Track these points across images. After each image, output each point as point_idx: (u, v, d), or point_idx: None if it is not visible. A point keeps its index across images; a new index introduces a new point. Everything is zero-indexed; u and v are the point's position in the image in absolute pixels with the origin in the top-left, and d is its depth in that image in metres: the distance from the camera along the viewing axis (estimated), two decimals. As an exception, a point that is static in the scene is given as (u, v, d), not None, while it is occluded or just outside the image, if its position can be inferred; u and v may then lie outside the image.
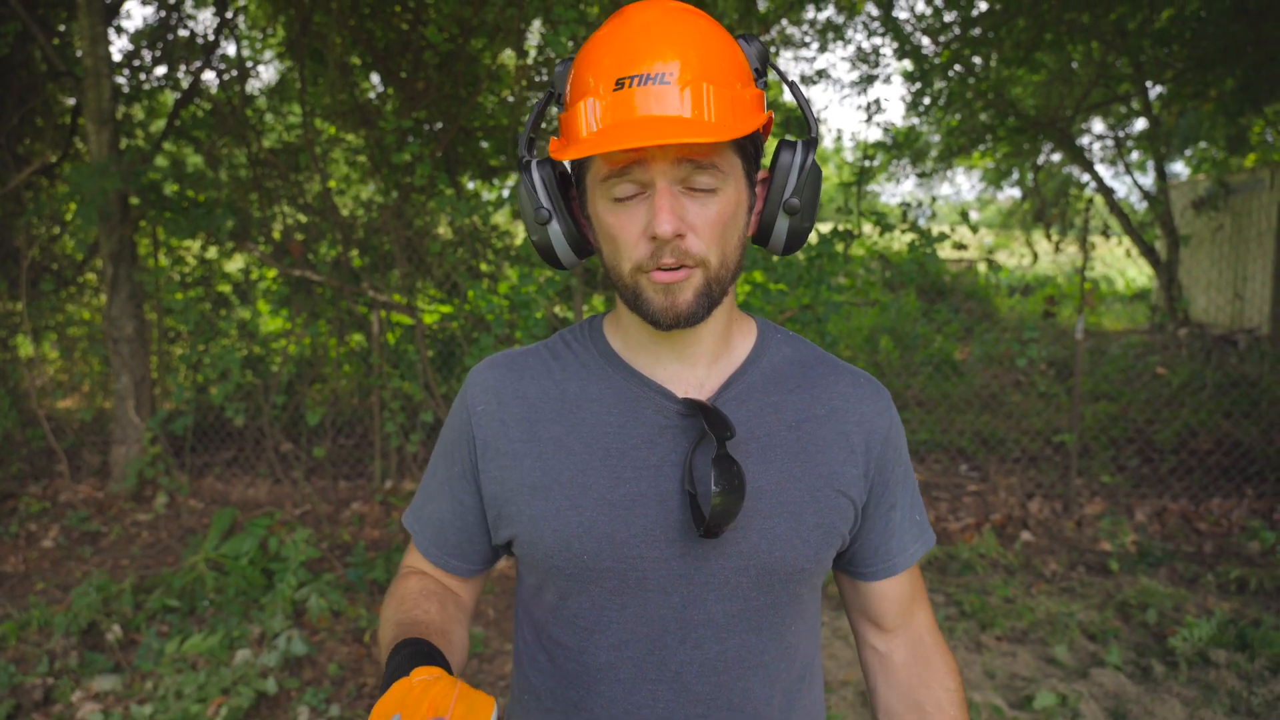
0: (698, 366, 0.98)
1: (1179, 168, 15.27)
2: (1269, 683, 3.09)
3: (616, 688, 0.97)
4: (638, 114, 0.83)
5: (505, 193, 6.80)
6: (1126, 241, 9.81)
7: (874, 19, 8.48)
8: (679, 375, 0.98)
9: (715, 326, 0.97)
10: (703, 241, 0.87)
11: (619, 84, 0.84)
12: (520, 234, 6.21)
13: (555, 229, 0.95)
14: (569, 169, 0.98)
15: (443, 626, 0.98)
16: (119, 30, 6.11)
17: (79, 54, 5.02)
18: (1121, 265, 15.31)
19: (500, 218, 6.24)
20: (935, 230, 4.63)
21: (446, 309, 5.44)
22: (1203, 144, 12.43)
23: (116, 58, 5.53)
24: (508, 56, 6.58)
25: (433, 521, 1.06)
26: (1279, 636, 3.29)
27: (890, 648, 1.08)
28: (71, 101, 5.84)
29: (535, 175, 0.94)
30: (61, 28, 5.54)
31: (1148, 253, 9.33)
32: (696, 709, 0.96)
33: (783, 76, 0.96)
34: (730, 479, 0.87)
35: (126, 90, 5.63)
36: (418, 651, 0.85)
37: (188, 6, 5.87)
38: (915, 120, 10.80)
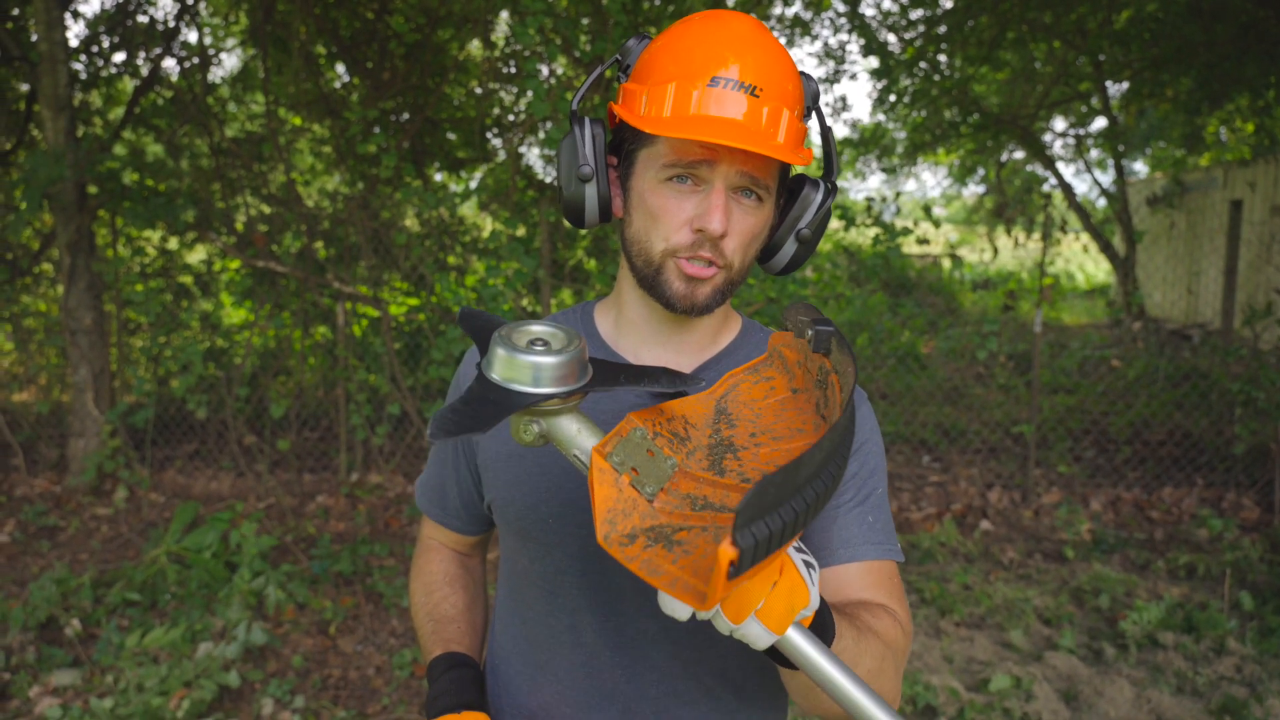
0: (682, 353, 1.03)
1: (1139, 166, 15.61)
2: (1213, 663, 3.20)
3: (579, 652, 1.01)
4: (726, 114, 0.87)
5: (473, 184, 6.77)
6: (1085, 237, 10.01)
7: (840, 15, 8.55)
8: (660, 359, 1.02)
9: (712, 321, 1.03)
10: (735, 246, 0.93)
11: (714, 80, 0.87)
12: (488, 226, 6.19)
13: (591, 189, 0.97)
14: (608, 135, 1.01)
15: (470, 618, 1.13)
16: (76, 15, 5.99)
17: (34, 39, 4.91)
18: (1081, 261, 15.61)
19: (467, 210, 6.21)
20: (900, 226, 4.70)
21: (413, 301, 5.41)
22: (1161, 143, 12.71)
23: (73, 43, 5.41)
24: (475, 47, 6.54)
25: (433, 485, 1.17)
26: (1223, 619, 3.41)
27: None
28: (26, 87, 5.71)
29: (588, 131, 0.96)
30: (15, 11, 5.40)
31: (1106, 249, 9.53)
32: (653, 675, 1.00)
33: (822, 120, 1.01)
34: None
35: (84, 77, 5.51)
36: (461, 677, 1.01)
37: (147, -8, 5.76)
38: (881, 117, 10.91)
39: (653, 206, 0.93)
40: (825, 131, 1.01)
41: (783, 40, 8.80)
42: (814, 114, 0.99)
